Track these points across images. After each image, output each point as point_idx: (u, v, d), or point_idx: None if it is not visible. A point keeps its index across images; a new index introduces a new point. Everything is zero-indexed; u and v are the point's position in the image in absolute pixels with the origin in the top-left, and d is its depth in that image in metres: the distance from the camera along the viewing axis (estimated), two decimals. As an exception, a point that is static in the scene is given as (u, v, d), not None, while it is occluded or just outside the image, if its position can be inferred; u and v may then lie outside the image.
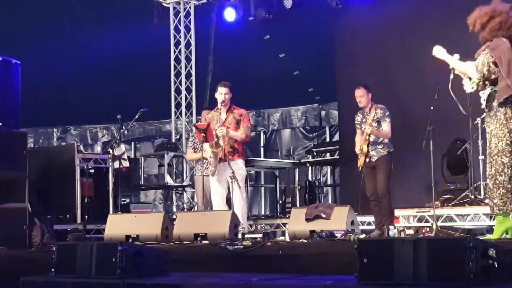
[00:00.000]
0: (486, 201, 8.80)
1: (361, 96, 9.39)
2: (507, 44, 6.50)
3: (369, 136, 9.22)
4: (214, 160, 8.98)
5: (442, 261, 4.79)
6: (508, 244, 5.39)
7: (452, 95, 6.72)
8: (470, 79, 6.56)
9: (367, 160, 9.26)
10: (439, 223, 8.57)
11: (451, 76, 6.75)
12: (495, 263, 4.82)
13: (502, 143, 6.37)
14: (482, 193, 9.18)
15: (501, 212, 6.41)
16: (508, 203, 6.34)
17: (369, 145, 9.24)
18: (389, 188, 9.19)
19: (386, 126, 9.22)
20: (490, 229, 8.65)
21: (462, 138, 9.96)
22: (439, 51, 6.82)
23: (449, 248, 4.83)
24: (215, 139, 8.95)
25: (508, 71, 6.37)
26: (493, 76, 6.45)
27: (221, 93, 9.14)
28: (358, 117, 9.53)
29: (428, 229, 8.79)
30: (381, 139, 9.25)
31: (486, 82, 6.52)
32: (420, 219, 9.17)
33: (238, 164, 9.08)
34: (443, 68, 6.91)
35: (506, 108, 6.41)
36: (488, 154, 6.48)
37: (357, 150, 9.33)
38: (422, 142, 8.35)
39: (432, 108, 8.30)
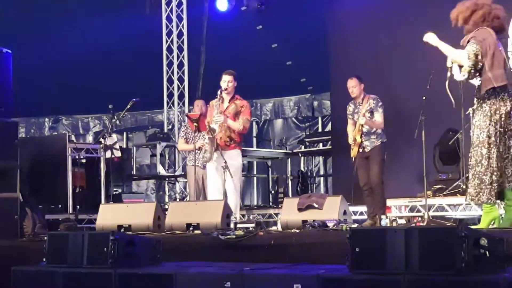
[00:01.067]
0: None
1: (353, 86, 9.38)
2: (493, 36, 6.51)
3: (362, 126, 9.21)
4: (210, 146, 8.96)
5: (433, 250, 4.79)
6: (499, 233, 5.40)
7: (449, 93, 6.73)
8: (461, 67, 6.55)
9: (361, 150, 9.25)
10: (431, 213, 8.60)
11: (448, 74, 6.75)
12: (487, 253, 4.83)
13: (483, 135, 6.40)
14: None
15: (473, 202, 6.44)
16: (480, 193, 6.36)
17: (362, 135, 9.22)
18: (382, 178, 9.18)
19: (379, 117, 9.21)
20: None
21: (454, 128, 9.97)
22: (430, 37, 6.82)
23: (441, 238, 4.84)
24: (207, 127, 8.93)
25: (491, 64, 6.40)
26: (479, 67, 6.47)
27: (225, 81, 9.12)
28: (350, 107, 9.51)
29: (419, 218, 8.82)
30: (374, 129, 9.24)
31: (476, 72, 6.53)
32: (412, 209, 9.19)
33: (234, 154, 9.07)
34: (436, 58, 6.91)
35: (493, 100, 6.42)
36: (471, 144, 6.51)
37: (350, 141, 9.31)
38: (414, 132, 8.35)
39: (424, 98, 8.30)
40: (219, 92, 9.09)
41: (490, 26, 6.54)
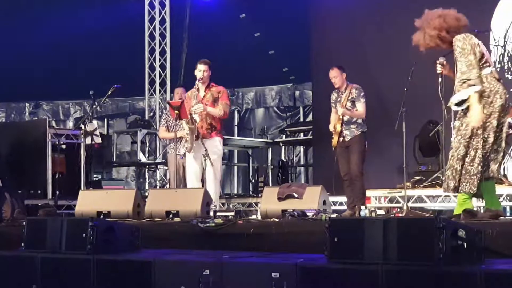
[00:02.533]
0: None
1: (335, 77, 9.36)
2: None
3: (342, 115, 9.20)
4: (190, 136, 8.93)
5: (411, 241, 4.83)
6: (477, 225, 5.44)
7: (441, 99, 6.77)
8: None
9: (341, 139, 9.21)
10: (410, 204, 8.64)
11: (439, 80, 6.79)
12: (465, 244, 4.87)
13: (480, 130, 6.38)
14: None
15: (453, 192, 6.44)
16: (464, 183, 6.34)
17: (343, 124, 9.21)
18: (363, 169, 9.17)
19: (360, 107, 9.19)
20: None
21: (434, 120, 10.01)
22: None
23: (419, 228, 4.88)
24: (189, 116, 8.91)
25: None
26: None
27: (200, 70, 9.07)
28: (333, 96, 9.51)
29: (398, 209, 8.85)
30: (354, 119, 9.23)
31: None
32: (391, 200, 9.24)
33: (215, 142, 9.03)
34: (418, 51, 6.92)
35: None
36: (462, 136, 6.44)
37: (331, 128, 9.31)
38: (395, 123, 8.37)
39: (405, 89, 8.33)
40: (196, 82, 9.07)
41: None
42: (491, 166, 6.44)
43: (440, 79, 6.80)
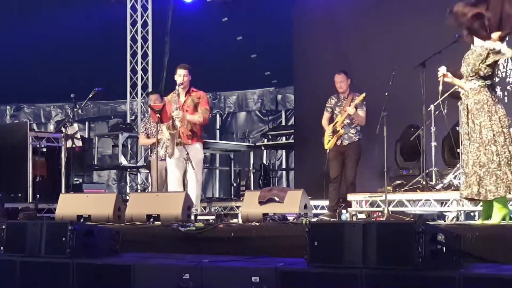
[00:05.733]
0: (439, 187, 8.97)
1: (341, 81, 9.52)
2: None
3: (346, 117, 9.34)
4: (171, 142, 8.91)
5: (391, 245, 4.84)
6: (457, 230, 5.46)
7: (441, 107, 6.95)
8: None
9: (338, 143, 9.40)
10: (391, 208, 8.65)
11: (440, 88, 7.01)
12: (444, 248, 4.89)
13: (491, 133, 6.61)
14: (434, 179, 9.28)
15: (493, 196, 6.56)
16: (499, 188, 6.54)
17: (343, 127, 9.39)
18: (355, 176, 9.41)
19: (362, 113, 9.40)
20: (440, 215, 8.77)
21: (415, 125, 10.04)
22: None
23: (399, 232, 4.89)
24: (171, 121, 8.89)
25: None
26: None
27: (180, 75, 9.04)
28: (333, 100, 9.61)
29: (379, 213, 8.87)
30: (355, 124, 9.40)
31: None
32: (372, 204, 9.23)
33: (196, 148, 9.03)
34: (399, 55, 6.96)
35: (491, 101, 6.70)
36: (480, 144, 6.62)
37: (329, 131, 9.40)
38: (376, 127, 8.40)
39: (386, 94, 8.35)
40: (176, 87, 9.06)
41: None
42: None
43: (441, 87, 7.00)
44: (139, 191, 14.11)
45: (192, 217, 7.73)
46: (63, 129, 10.52)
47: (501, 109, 6.68)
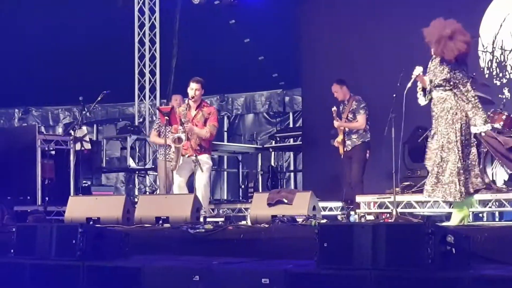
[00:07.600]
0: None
1: (335, 91, 9.85)
2: None
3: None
4: (175, 155, 8.97)
5: (400, 246, 4.85)
6: (466, 231, 5.47)
7: (403, 102, 7.09)
8: (424, 91, 7.16)
9: (345, 149, 9.69)
10: (399, 210, 8.65)
11: (409, 85, 7.22)
12: (453, 249, 4.89)
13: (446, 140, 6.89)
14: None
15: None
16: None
17: (345, 134, 9.68)
18: (362, 177, 9.58)
19: (360, 118, 9.66)
20: (448, 216, 8.75)
21: (423, 126, 10.03)
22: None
23: (408, 234, 4.90)
24: (180, 129, 8.94)
25: None
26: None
27: (192, 89, 9.10)
28: (337, 108, 9.85)
29: (388, 215, 8.86)
30: (354, 129, 9.67)
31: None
32: (380, 205, 9.23)
33: (203, 159, 9.11)
34: (407, 57, 6.98)
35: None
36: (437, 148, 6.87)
37: (339, 139, 9.71)
38: (384, 129, 8.40)
39: (394, 95, 8.35)
40: (187, 100, 9.13)
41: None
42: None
43: (410, 84, 7.24)
44: (147, 193, 14.13)
45: (201, 219, 7.76)
46: (71, 132, 10.57)
47: (465, 117, 6.83)
